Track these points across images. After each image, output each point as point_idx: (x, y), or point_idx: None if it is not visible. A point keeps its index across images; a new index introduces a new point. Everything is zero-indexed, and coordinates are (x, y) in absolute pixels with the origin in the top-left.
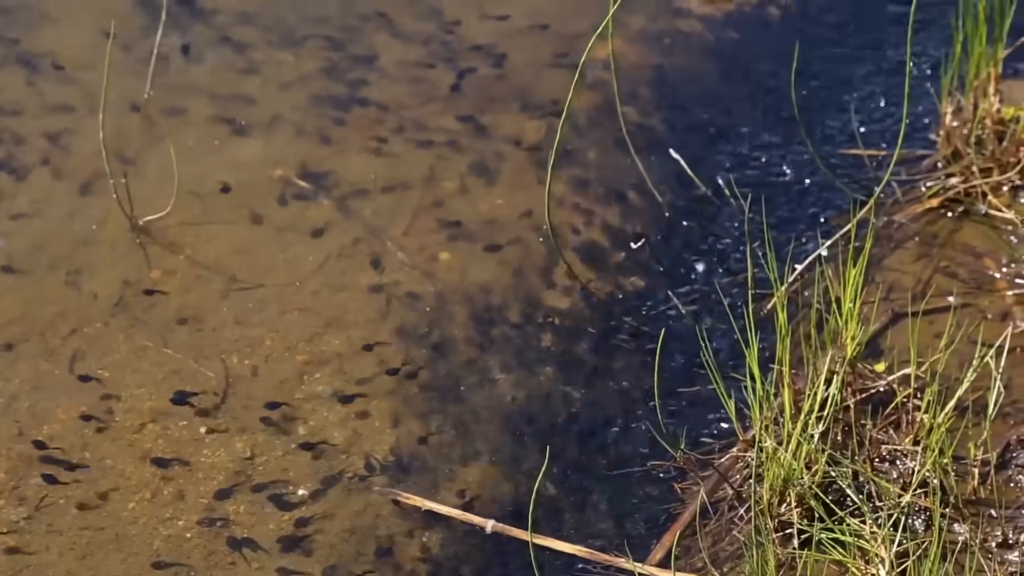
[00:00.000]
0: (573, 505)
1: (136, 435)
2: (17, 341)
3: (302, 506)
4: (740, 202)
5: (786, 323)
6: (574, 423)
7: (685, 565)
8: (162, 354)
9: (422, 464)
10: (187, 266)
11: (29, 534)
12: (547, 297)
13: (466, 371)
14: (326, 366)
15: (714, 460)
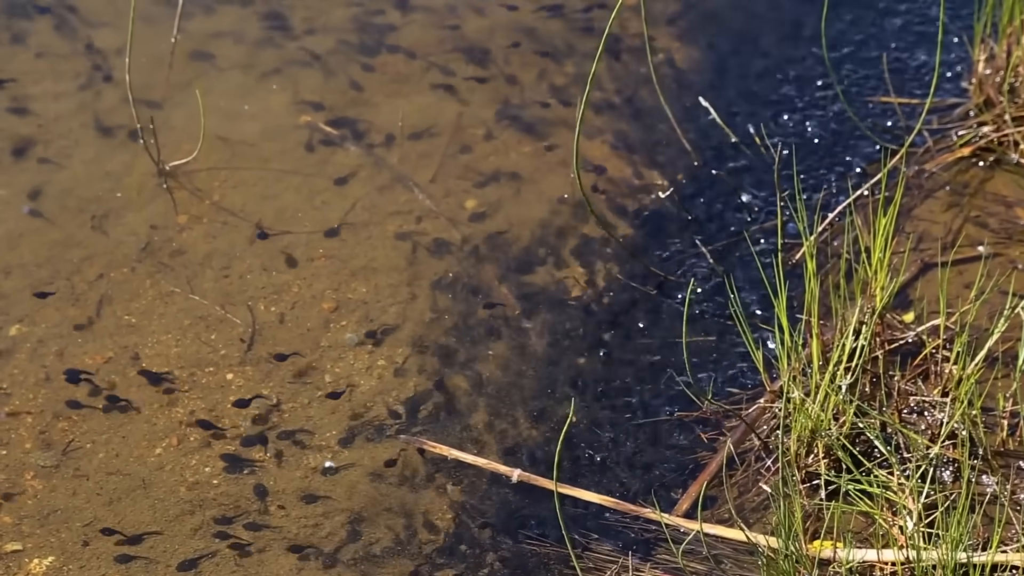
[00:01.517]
0: (599, 455)
1: (163, 381)
2: (44, 285)
3: (328, 453)
4: (770, 150)
5: (815, 273)
6: (601, 373)
7: (711, 515)
8: (188, 300)
9: (448, 412)
10: (214, 212)
11: (56, 479)
12: (575, 246)
13: (493, 319)
14: (352, 313)
15: (741, 411)
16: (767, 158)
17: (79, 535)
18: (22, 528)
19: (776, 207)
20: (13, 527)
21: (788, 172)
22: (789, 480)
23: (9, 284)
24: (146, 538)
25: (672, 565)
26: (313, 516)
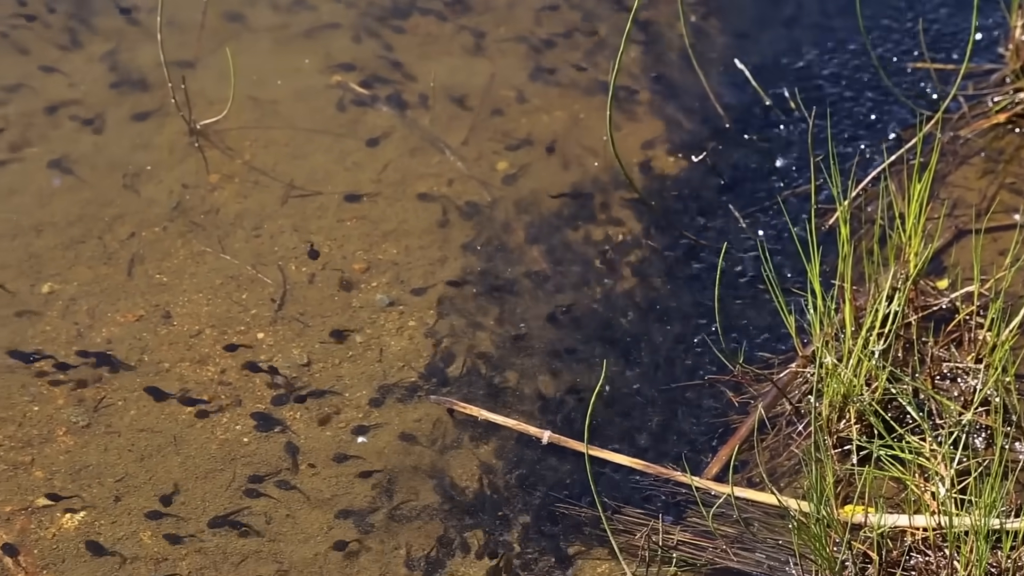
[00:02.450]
0: (629, 418)
1: (194, 339)
2: (76, 243)
3: (358, 413)
4: (804, 115)
5: (848, 238)
6: (631, 336)
7: (742, 479)
8: (220, 259)
9: (478, 374)
10: (245, 171)
11: (88, 435)
12: (606, 209)
13: (523, 282)
14: (383, 274)
15: (772, 375)
16: (800, 123)
17: (110, 491)
18: (54, 483)
19: (809, 172)
20: (45, 482)
21: (822, 137)
22: (821, 445)
23: (41, 242)
24: (177, 495)
25: (702, 528)
26: (344, 476)
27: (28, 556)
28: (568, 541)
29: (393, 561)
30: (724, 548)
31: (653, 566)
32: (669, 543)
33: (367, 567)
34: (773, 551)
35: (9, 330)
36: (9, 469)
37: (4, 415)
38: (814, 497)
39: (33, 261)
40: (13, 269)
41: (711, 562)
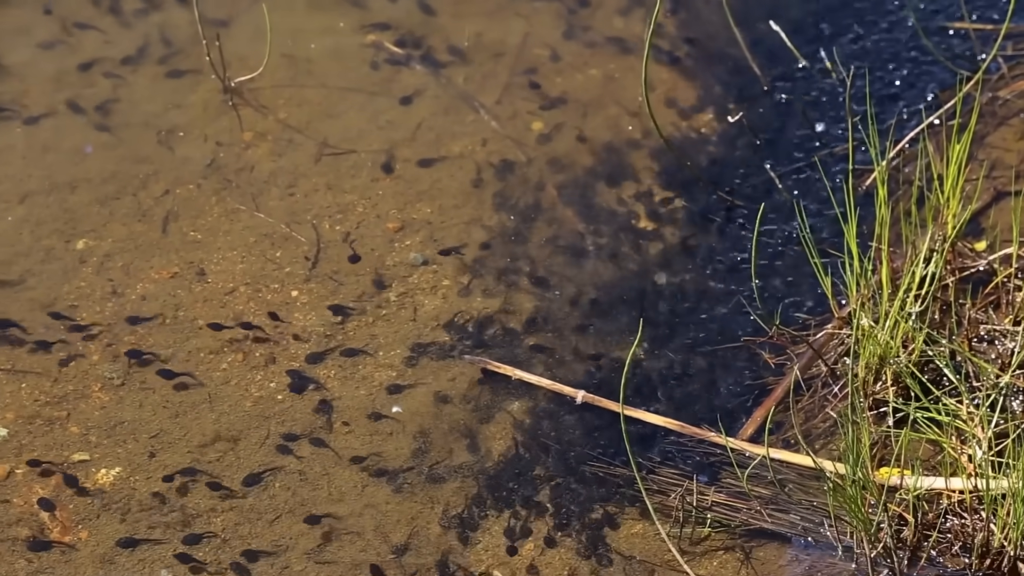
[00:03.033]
0: (664, 378)
1: (228, 297)
2: (110, 200)
3: (392, 372)
4: (841, 75)
5: (886, 199)
6: (666, 296)
7: (776, 441)
8: (254, 217)
9: (512, 333)
10: (279, 129)
11: (123, 391)
12: (642, 169)
13: (557, 241)
14: (417, 233)
15: (808, 337)
16: (838, 84)
17: (145, 447)
18: (89, 438)
19: (847, 133)
20: (80, 437)
21: (859, 97)
22: (857, 407)
23: (75, 199)
24: (209, 451)
25: (736, 489)
26: (378, 434)
27: (63, 511)
28: (602, 501)
29: (427, 520)
30: (758, 509)
31: (687, 527)
32: (703, 504)
33: (400, 526)
34: (808, 512)
35: (45, 286)
36: (45, 424)
37: (39, 370)
38: (850, 459)
39: (68, 217)
40: (48, 225)
41: (745, 523)
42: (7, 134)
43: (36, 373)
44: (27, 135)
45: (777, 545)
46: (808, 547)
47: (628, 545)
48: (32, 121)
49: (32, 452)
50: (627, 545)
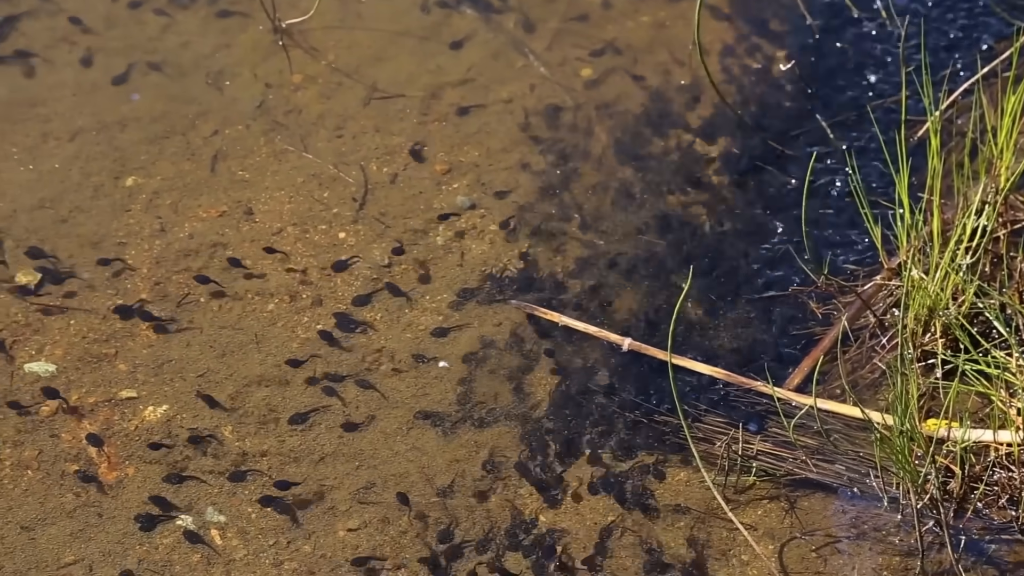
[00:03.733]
0: (712, 327)
1: (275, 237)
2: (159, 139)
3: (438, 316)
4: (895, 25)
5: (938, 151)
6: (715, 246)
7: (823, 391)
8: (302, 158)
9: (559, 279)
10: (328, 72)
11: (170, 331)
12: (691, 117)
13: (604, 188)
14: (464, 177)
15: (857, 287)
16: (891, 33)
17: (192, 386)
18: (136, 376)
19: (900, 82)
20: (128, 375)
21: (913, 46)
22: (905, 357)
23: (125, 137)
24: (256, 390)
25: (782, 439)
26: (423, 378)
27: (111, 447)
28: (647, 448)
29: (471, 463)
30: (804, 459)
31: (732, 475)
32: (749, 453)
33: (444, 469)
34: (853, 463)
35: (94, 223)
36: (93, 361)
37: (88, 307)
38: (898, 410)
39: (117, 155)
40: (97, 163)
41: (790, 472)
42: (58, 72)
43: (84, 310)
44: (77, 74)
45: (822, 495)
46: (853, 498)
47: (673, 493)
48: (82, 60)
49: (80, 388)
50: (672, 493)
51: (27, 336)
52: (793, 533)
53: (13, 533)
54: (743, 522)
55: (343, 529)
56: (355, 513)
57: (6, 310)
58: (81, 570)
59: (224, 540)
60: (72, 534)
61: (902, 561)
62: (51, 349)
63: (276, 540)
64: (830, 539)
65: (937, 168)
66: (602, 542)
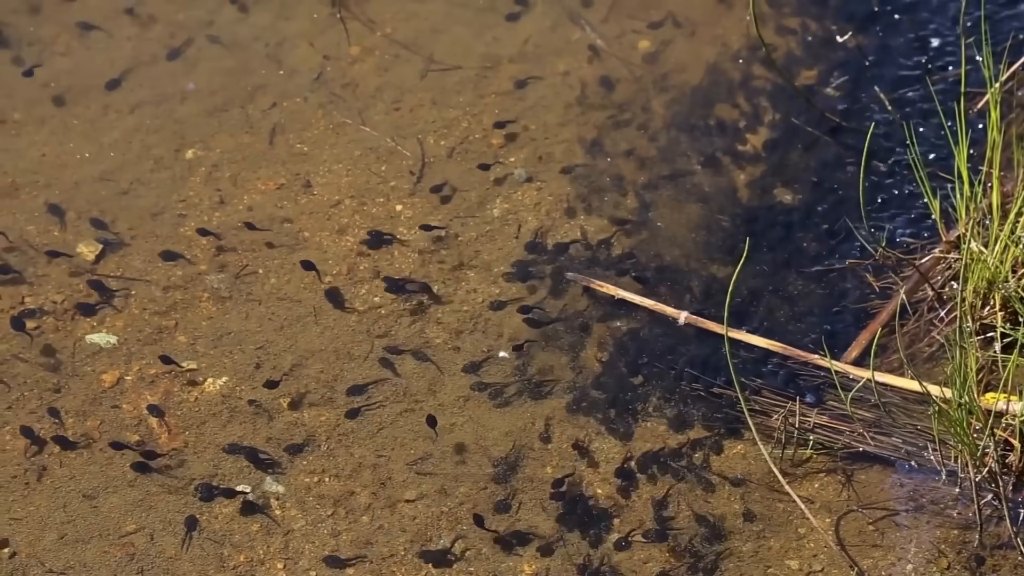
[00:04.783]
0: (768, 300)
1: (333, 209)
2: (219, 111)
3: (495, 289)
4: None
5: (998, 123)
6: (771, 218)
7: (881, 364)
8: (360, 131)
9: (615, 252)
10: (386, 44)
11: (229, 302)
12: (748, 89)
13: (662, 159)
14: (521, 150)
15: (915, 260)
16: (951, 3)
17: (251, 357)
18: (196, 348)
19: (959, 54)
20: (188, 346)
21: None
22: (964, 330)
23: (184, 109)
24: (313, 363)
25: (839, 412)
26: (480, 350)
27: (171, 418)
28: (703, 421)
29: (528, 435)
30: (861, 432)
31: (789, 448)
32: (805, 426)
33: (501, 440)
34: (911, 436)
35: (154, 195)
36: (154, 333)
37: (149, 279)
38: (956, 383)
39: (177, 127)
40: (157, 135)
41: (847, 446)
42: (117, 44)
43: (145, 281)
44: (137, 45)
45: (879, 468)
46: (911, 471)
47: (729, 465)
48: (142, 33)
49: (141, 360)
50: (728, 465)
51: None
52: (850, 506)
53: (76, 501)
54: (800, 495)
55: (401, 500)
56: (412, 484)
57: (68, 281)
58: (142, 539)
59: (283, 510)
60: (133, 503)
61: (960, 534)
62: (112, 321)
63: (334, 511)
64: (888, 512)
65: (997, 140)
66: (659, 514)
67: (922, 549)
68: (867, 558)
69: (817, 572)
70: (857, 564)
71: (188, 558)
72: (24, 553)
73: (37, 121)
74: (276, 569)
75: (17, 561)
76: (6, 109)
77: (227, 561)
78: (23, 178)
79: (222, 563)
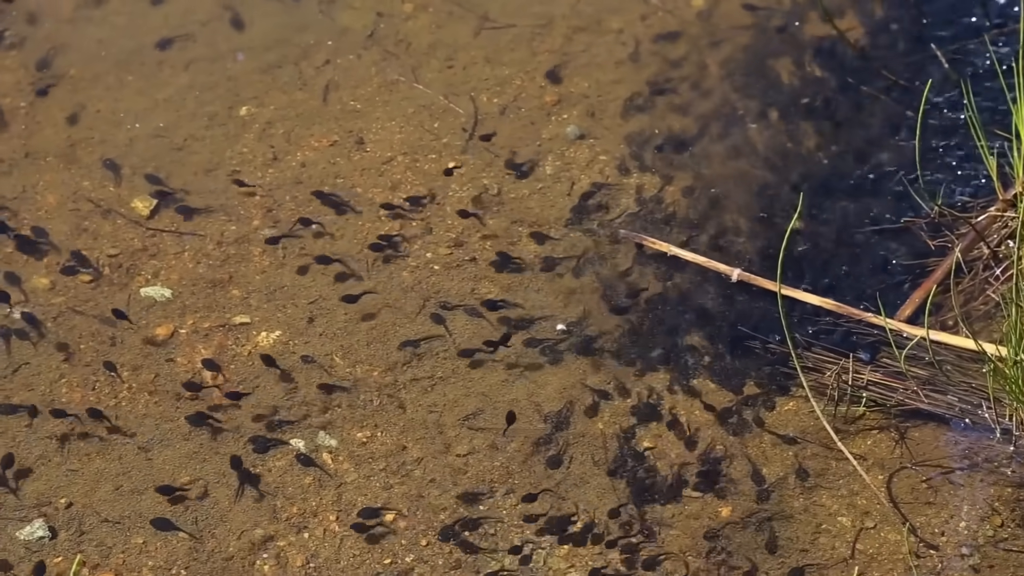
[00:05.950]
0: (822, 258)
1: (385, 166)
2: (272, 68)
3: (548, 246)
4: None
5: None
6: (827, 176)
7: (935, 322)
8: (413, 89)
9: (668, 209)
10: (439, 1)
11: (283, 255)
12: (802, 45)
13: (716, 117)
14: (574, 107)
15: (971, 218)
16: None
17: (304, 312)
18: (250, 302)
19: (1019, 11)
20: (241, 300)
21: None
22: (1021, 288)
23: (238, 66)
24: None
25: (893, 369)
26: (533, 306)
27: (224, 371)
28: (755, 378)
29: (579, 391)
30: (915, 389)
31: (841, 405)
32: (859, 383)
33: (553, 397)
34: (965, 394)
35: (208, 151)
36: (208, 286)
37: (203, 233)
38: (1011, 341)
39: (231, 84)
40: (211, 92)
41: (901, 403)
42: (172, 1)
43: (199, 236)
44: (192, 2)
45: (933, 426)
46: (965, 429)
47: (781, 421)
48: None
49: (195, 313)
50: (780, 421)
51: (143, 261)
52: (903, 463)
53: (131, 454)
54: (852, 452)
55: (452, 454)
56: (464, 439)
57: (123, 235)
58: (197, 490)
59: (336, 463)
60: (187, 455)
61: (1014, 492)
62: (166, 274)
63: (386, 464)
64: (941, 470)
65: None
66: (711, 469)
67: (975, 507)
68: (919, 515)
69: (869, 529)
70: (909, 521)
71: (241, 509)
72: (80, 504)
73: (91, 77)
74: (329, 521)
75: (73, 511)
76: (62, 66)
77: (280, 513)
78: (79, 134)
79: (275, 515)
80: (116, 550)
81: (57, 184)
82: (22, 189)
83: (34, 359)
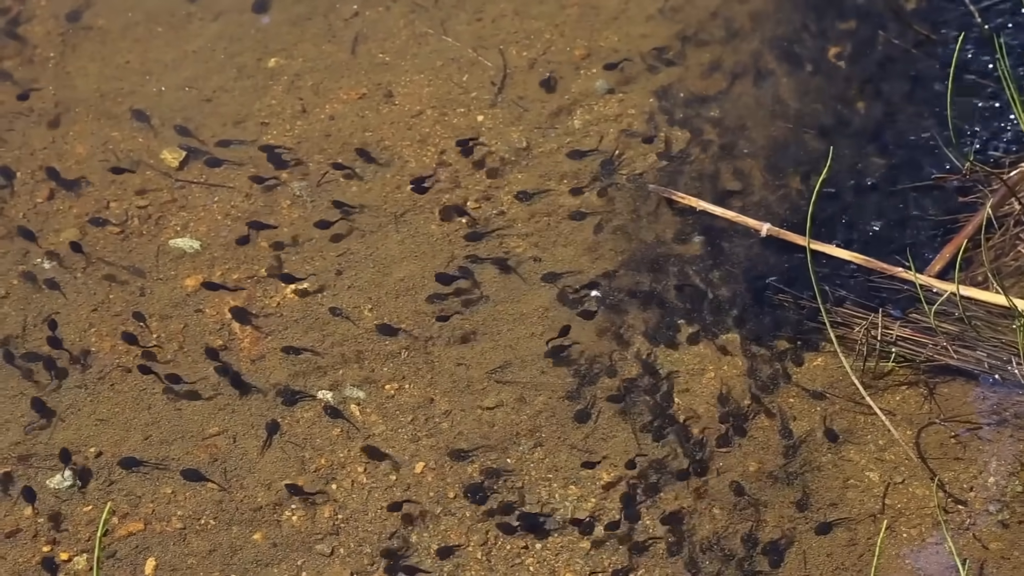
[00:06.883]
0: (852, 213)
1: (414, 119)
2: (301, 20)
3: (576, 200)
4: None
5: None
6: (858, 133)
7: (966, 278)
8: (441, 42)
9: (697, 164)
10: None
11: (311, 209)
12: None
13: (746, 73)
14: (603, 61)
15: (1003, 174)
16: None
17: (332, 264)
18: (278, 255)
19: None
20: (270, 252)
21: None
22: None
23: (267, 18)
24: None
25: (922, 325)
26: (562, 261)
27: (254, 322)
28: (784, 332)
29: (609, 343)
30: (944, 345)
31: (870, 360)
32: (887, 338)
33: (579, 356)
34: (995, 350)
35: (237, 103)
36: (237, 238)
37: (232, 186)
38: None
39: (260, 36)
40: (240, 43)
41: (930, 359)
42: None
43: (228, 187)
44: None
45: (962, 382)
46: (994, 384)
47: (810, 377)
48: None
49: (224, 265)
50: (808, 377)
51: (173, 212)
52: (932, 419)
53: (160, 403)
54: (881, 407)
55: (480, 407)
56: (491, 392)
57: (152, 186)
58: (225, 441)
59: (363, 415)
60: (216, 406)
61: None
62: (195, 226)
63: (414, 417)
64: (970, 426)
65: None
66: (738, 424)
67: (1004, 462)
68: (948, 471)
69: (897, 484)
70: (938, 476)
71: (270, 460)
72: (109, 453)
73: (121, 29)
74: (356, 472)
75: (103, 460)
76: (90, 17)
77: (308, 464)
78: (108, 85)
79: (303, 466)
80: (145, 499)
81: (86, 135)
82: (51, 140)
83: (64, 308)
